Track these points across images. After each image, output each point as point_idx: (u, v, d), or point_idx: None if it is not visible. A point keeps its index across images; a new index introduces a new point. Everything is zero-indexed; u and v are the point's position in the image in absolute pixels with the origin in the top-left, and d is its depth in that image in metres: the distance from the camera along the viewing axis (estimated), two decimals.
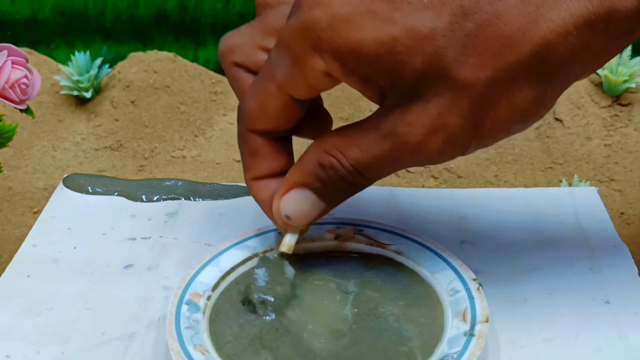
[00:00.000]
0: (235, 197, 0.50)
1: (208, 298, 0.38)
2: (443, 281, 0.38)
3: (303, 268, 0.40)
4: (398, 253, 0.41)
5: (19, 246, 0.46)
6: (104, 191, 0.51)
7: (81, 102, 0.70)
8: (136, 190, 0.51)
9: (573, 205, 0.48)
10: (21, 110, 0.46)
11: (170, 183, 0.52)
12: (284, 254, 0.39)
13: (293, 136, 0.39)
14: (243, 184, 0.51)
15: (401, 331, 0.36)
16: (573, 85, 0.48)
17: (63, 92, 0.69)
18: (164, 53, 0.72)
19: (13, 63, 0.44)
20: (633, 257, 0.43)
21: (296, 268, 0.40)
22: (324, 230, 0.42)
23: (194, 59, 0.74)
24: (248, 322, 0.37)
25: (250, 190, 0.39)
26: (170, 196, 0.50)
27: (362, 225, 0.42)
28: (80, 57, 0.69)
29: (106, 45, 0.74)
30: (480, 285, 0.38)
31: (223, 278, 0.39)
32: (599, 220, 0.47)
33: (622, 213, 0.57)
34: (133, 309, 0.41)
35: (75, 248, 0.45)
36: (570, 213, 0.47)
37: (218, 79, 0.71)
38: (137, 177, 0.61)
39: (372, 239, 0.42)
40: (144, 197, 0.50)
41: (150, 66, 0.71)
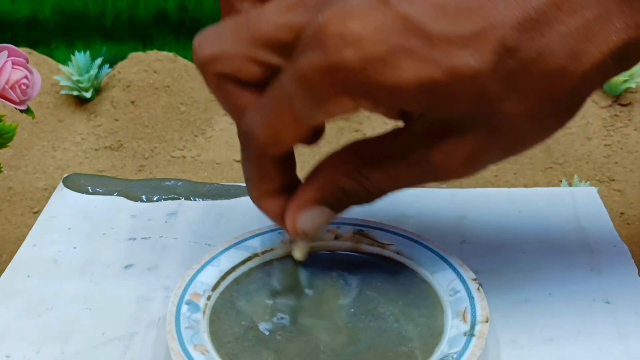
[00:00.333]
0: (235, 197, 0.50)
1: (208, 298, 0.38)
2: (443, 281, 0.38)
3: (302, 268, 0.40)
4: (398, 253, 0.41)
5: (19, 246, 0.46)
6: (104, 191, 0.51)
7: (81, 102, 0.70)
8: (136, 190, 0.51)
9: (573, 205, 0.48)
10: (21, 110, 0.46)
11: (170, 183, 0.52)
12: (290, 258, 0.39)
13: None
14: (243, 184, 0.51)
15: (401, 331, 0.36)
16: None
17: (63, 92, 0.69)
18: (164, 53, 0.72)
19: (13, 63, 0.44)
20: (633, 257, 0.43)
21: (296, 268, 0.40)
22: (324, 230, 0.42)
23: None
24: (248, 322, 0.37)
25: (258, 206, 0.37)
26: (170, 196, 0.50)
27: (362, 225, 0.42)
28: (80, 57, 0.69)
29: (106, 45, 0.74)
30: (480, 285, 0.38)
31: (223, 278, 0.39)
32: (599, 220, 0.47)
33: (622, 213, 0.57)
34: (133, 309, 0.41)
35: (75, 248, 0.45)
36: (570, 213, 0.47)
37: None
38: (137, 177, 0.61)
39: (372, 239, 0.42)
40: (144, 197, 0.50)
41: (150, 66, 0.71)
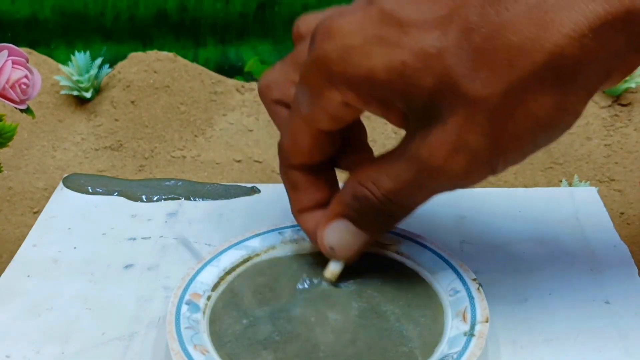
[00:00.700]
0: (235, 197, 0.50)
1: (208, 298, 0.38)
2: (443, 281, 0.38)
3: (302, 269, 0.40)
4: (398, 253, 0.41)
5: (19, 246, 0.46)
6: (104, 191, 0.51)
7: (81, 102, 0.70)
8: (136, 190, 0.51)
9: (573, 205, 0.48)
10: (21, 110, 0.46)
11: (170, 183, 0.52)
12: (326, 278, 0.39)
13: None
14: (243, 184, 0.51)
15: (401, 331, 0.36)
16: None
17: (63, 92, 0.69)
18: (164, 53, 0.72)
19: (13, 63, 0.44)
20: (633, 257, 0.43)
21: (296, 268, 0.40)
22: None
23: (194, 59, 0.74)
24: (248, 322, 0.37)
25: (297, 222, 0.40)
26: (170, 196, 0.50)
27: None
28: (80, 57, 0.69)
29: (106, 45, 0.74)
30: (480, 285, 0.38)
31: (223, 278, 0.39)
32: (599, 220, 0.47)
33: (622, 213, 0.57)
34: (133, 309, 0.41)
35: (75, 248, 0.45)
36: (570, 213, 0.47)
37: (218, 79, 0.71)
38: (137, 177, 0.61)
39: None
40: (144, 197, 0.50)
41: (150, 66, 0.71)
